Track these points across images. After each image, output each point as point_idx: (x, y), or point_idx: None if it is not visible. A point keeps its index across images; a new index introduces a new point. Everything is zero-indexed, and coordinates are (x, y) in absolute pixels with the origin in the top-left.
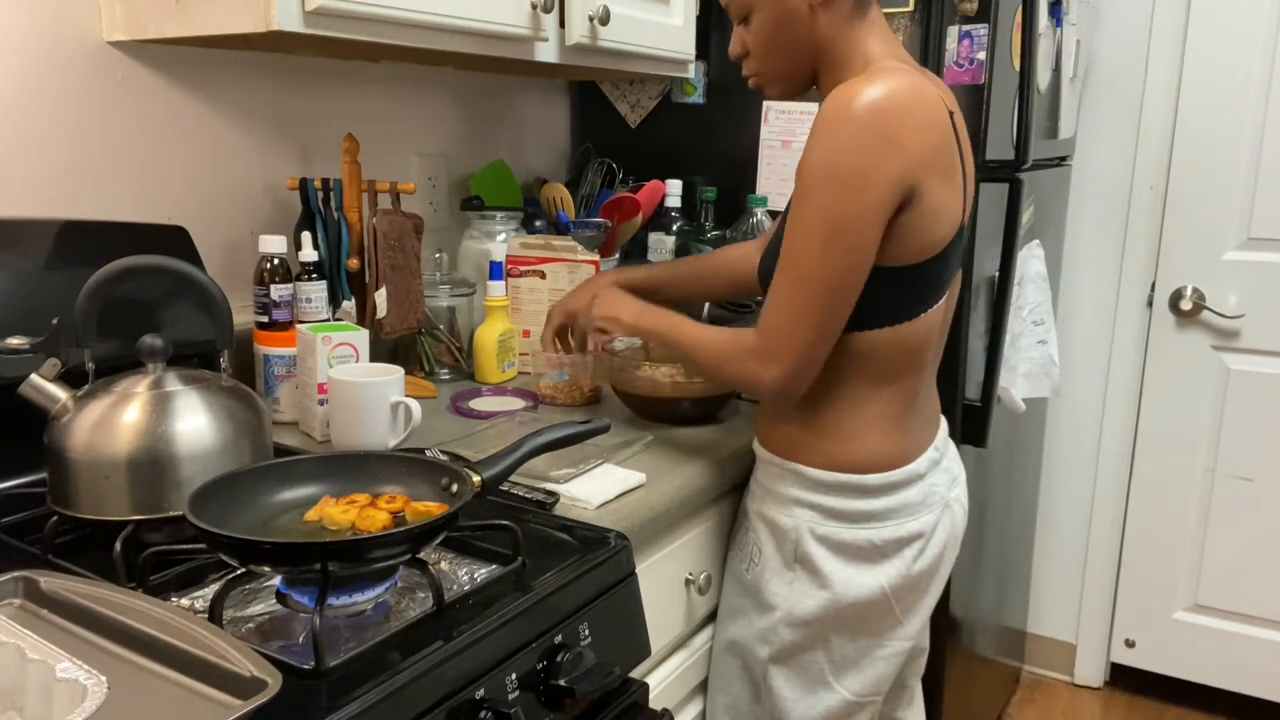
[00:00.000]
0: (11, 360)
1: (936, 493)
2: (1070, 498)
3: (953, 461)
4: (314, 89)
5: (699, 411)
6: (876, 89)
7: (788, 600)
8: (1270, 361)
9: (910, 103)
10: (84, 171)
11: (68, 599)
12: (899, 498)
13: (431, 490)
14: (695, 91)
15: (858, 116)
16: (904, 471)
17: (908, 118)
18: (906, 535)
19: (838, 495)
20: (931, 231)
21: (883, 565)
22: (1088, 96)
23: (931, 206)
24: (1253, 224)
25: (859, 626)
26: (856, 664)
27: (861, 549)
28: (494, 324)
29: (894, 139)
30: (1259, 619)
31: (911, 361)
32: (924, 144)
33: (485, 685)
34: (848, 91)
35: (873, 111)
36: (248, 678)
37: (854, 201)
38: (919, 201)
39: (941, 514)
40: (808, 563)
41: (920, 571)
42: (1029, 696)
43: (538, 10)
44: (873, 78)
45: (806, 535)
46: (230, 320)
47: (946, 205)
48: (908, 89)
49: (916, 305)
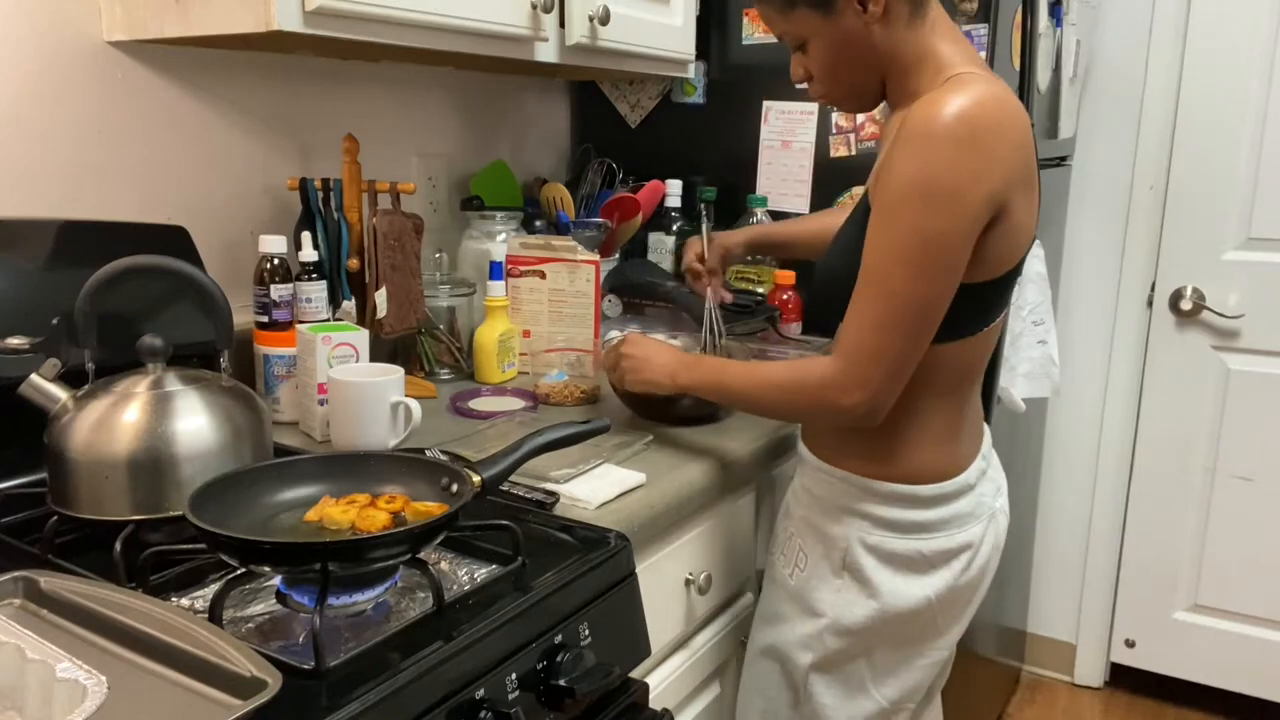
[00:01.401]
0: (11, 360)
1: (984, 502)
2: (1070, 498)
3: (997, 470)
4: (314, 89)
5: (698, 410)
6: (967, 103)
7: (835, 608)
8: (1270, 361)
9: (1002, 117)
10: (84, 171)
11: (68, 599)
12: (950, 509)
13: (431, 490)
14: (695, 91)
15: (951, 131)
16: (956, 483)
17: (1003, 131)
18: (956, 546)
19: (890, 505)
20: (1012, 247)
21: (930, 576)
22: (1088, 96)
23: (1015, 222)
24: (1253, 224)
25: (903, 635)
26: (896, 672)
27: (911, 559)
28: (494, 324)
29: (989, 155)
30: (1259, 619)
31: (972, 373)
32: (1014, 159)
33: (485, 685)
34: (935, 105)
35: (967, 126)
36: (248, 678)
37: (949, 220)
38: (1006, 217)
39: (989, 524)
40: (856, 572)
41: (966, 582)
42: (1029, 696)
43: (538, 10)
44: (959, 89)
45: (856, 544)
46: (230, 320)
47: (1027, 220)
48: (997, 101)
49: (985, 318)
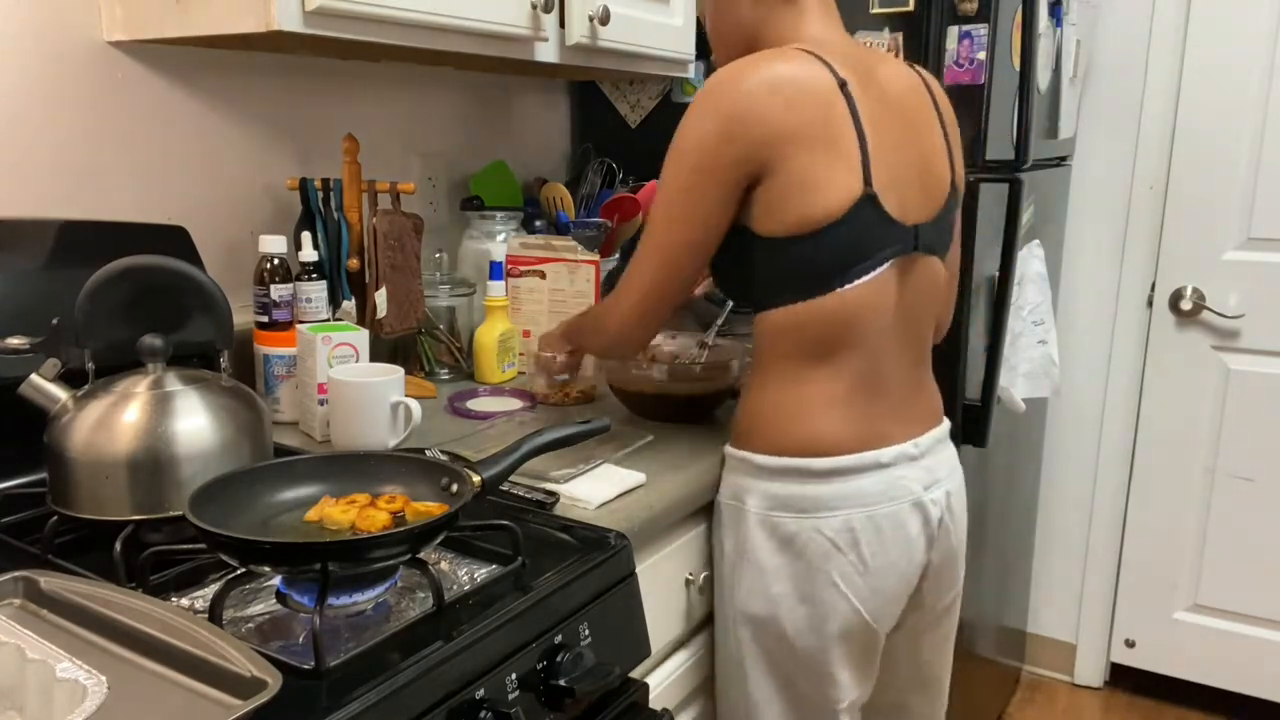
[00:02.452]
0: (11, 360)
1: (905, 486)
2: (1070, 497)
3: (940, 466)
4: (314, 89)
5: (695, 407)
6: (734, 69)
7: (738, 596)
8: (1270, 361)
9: (765, 81)
10: (84, 171)
11: (68, 599)
12: (851, 484)
13: (431, 490)
14: (695, 91)
15: (706, 95)
16: (861, 458)
17: (759, 95)
18: (862, 526)
19: (783, 480)
20: (811, 203)
21: (836, 558)
22: (1088, 96)
23: (801, 179)
24: (1253, 224)
25: (817, 623)
26: (820, 661)
27: (811, 540)
28: (494, 324)
29: (743, 115)
30: (1259, 619)
31: (844, 339)
32: (780, 119)
33: (485, 685)
34: (713, 75)
35: (722, 88)
36: (248, 678)
37: (694, 175)
38: (779, 173)
39: (913, 511)
40: (753, 557)
41: (884, 566)
42: (1029, 696)
43: (538, 10)
44: (736, 63)
45: (755, 528)
46: (230, 320)
47: (826, 177)
48: (766, 69)
49: (827, 278)
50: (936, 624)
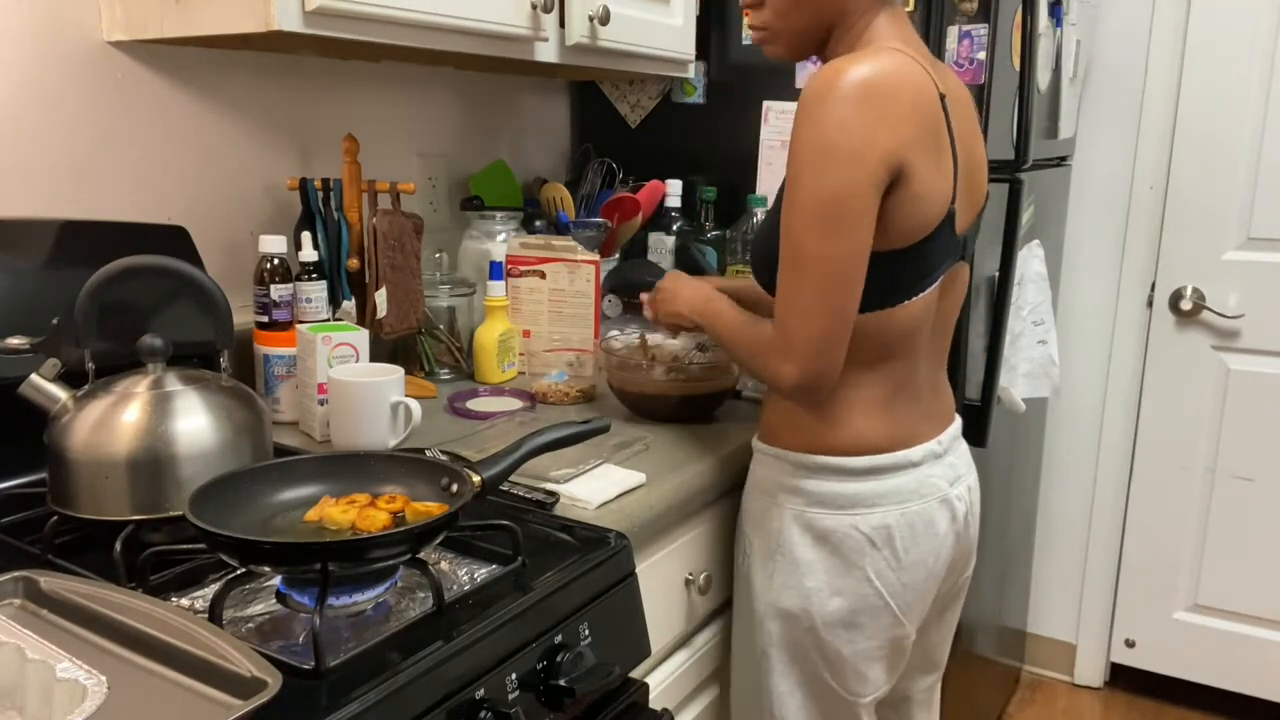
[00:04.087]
0: (11, 360)
1: (934, 484)
2: (1070, 498)
3: (961, 462)
4: (314, 89)
5: (696, 408)
6: (859, 67)
7: (769, 592)
8: (1270, 361)
9: (898, 80)
10: (84, 171)
11: (68, 599)
12: (887, 483)
13: (431, 490)
14: (695, 91)
15: (845, 93)
16: (894, 457)
17: (895, 94)
18: (896, 523)
19: (821, 478)
20: (920, 215)
21: (870, 554)
22: (1088, 96)
23: (920, 188)
24: (1253, 224)
25: (847, 618)
26: (847, 658)
27: (846, 537)
28: (494, 324)
29: (881, 115)
30: (1259, 619)
31: (897, 348)
32: (912, 122)
33: (485, 685)
34: (832, 70)
35: (856, 87)
36: (248, 678)
37: (845, 180)
38: (908, 183)
39: (940, 507)
40: (788, 553)
41: (914, 562)
42: (1029, 696)
43: (538, 10)
44: (859, 58)
45: (790, 524)
46: (230, 320)
47: (935, 188)
48: (895, 65)
49: (903, 291)
50: (947, 609)
